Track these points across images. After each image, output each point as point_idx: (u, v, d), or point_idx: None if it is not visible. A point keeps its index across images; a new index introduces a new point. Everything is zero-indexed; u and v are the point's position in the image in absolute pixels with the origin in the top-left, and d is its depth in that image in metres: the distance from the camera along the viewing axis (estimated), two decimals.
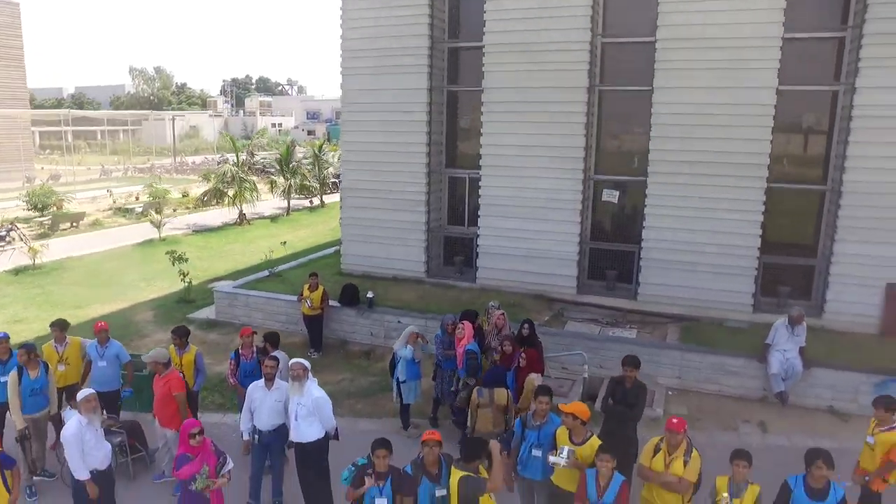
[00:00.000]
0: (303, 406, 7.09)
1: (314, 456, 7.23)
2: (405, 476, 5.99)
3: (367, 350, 12.82)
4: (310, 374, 7.30)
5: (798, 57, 12.41)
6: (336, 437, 7.58)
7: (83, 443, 6.48)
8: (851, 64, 12.08)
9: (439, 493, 5.95)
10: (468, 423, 7.92)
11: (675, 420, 6.19)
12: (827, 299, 12.48)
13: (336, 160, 32.84)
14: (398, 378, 9.46)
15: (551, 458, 6.18)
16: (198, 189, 33.38)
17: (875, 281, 12.01)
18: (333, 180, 34.78)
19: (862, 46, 11.69)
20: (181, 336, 8.78)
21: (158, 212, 25.42)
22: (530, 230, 13.94)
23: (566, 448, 6.17)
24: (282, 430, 7.56)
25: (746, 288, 12.82)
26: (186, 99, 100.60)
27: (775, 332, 10.64)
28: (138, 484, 8.38)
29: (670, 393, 11.02)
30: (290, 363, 7.35)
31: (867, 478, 6.94)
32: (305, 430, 7.15)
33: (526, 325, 9.49)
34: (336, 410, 7.65)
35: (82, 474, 6.53)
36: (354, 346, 13.03)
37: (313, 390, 7.18)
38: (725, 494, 5.84)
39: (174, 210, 30.24)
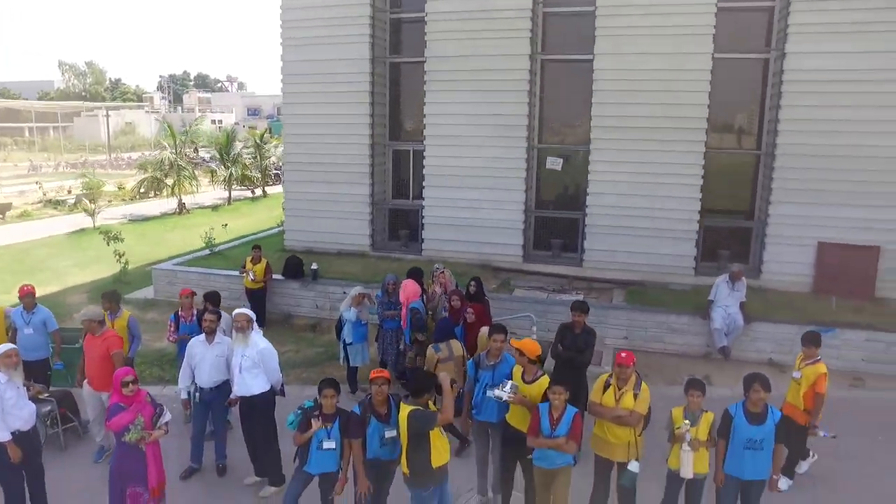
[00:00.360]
0: (247, 357, 6.79)
1: (260, 409, 6.93)
2: (353, 416, 5.78)
3: (312, 323, 12.52)
4: (255, 326, 7.03)
5: (732, 25, 12.71)
6: (282, 392, 7.33)
7: (3, 401, 5.94)
8: (781, 31, 12.46)
9: (389, 434, 5.75)
10: None
11: (623, 354, 6.14)
12: (764, 260, 12.85)
13: (278, 152, 32.14)
14: (345, 340, 9.28)
15: (495, 392, 6.04)
16: (134, 181, 32.16)
17: (808, 240, 12.41)
18: (276, 171, 34.06)
19: (790, 13, 12.08)
20: (112, 301, 8.23)
21: (93, 201, 24.35)
22: (475, 200, 13.87)
23: (510, 382, 6.05)
24: (224, 388, 7.23)
25: (688, 252, 13.07)
26: (121, 95, 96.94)
27: (717, 289, 10.93)
28: (70, 454, 7.92)
29: None
30: (234, 313, 7.01)
31: (816, 425, 7.15)
32: (250, 383, 6.84)
33: (473, 283, 9.41)
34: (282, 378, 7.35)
35: (3, 435, 5.98)
36: (300, 319, 12.71)
37: (258, 341, 6.90)
38: (687, 422, 5.87)
39: (109, 201, 29.00)
